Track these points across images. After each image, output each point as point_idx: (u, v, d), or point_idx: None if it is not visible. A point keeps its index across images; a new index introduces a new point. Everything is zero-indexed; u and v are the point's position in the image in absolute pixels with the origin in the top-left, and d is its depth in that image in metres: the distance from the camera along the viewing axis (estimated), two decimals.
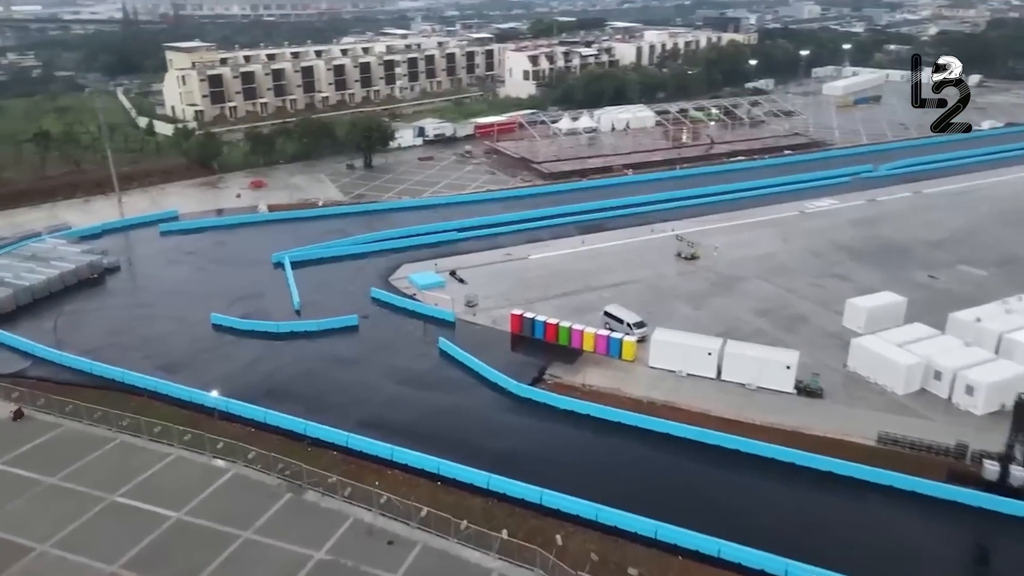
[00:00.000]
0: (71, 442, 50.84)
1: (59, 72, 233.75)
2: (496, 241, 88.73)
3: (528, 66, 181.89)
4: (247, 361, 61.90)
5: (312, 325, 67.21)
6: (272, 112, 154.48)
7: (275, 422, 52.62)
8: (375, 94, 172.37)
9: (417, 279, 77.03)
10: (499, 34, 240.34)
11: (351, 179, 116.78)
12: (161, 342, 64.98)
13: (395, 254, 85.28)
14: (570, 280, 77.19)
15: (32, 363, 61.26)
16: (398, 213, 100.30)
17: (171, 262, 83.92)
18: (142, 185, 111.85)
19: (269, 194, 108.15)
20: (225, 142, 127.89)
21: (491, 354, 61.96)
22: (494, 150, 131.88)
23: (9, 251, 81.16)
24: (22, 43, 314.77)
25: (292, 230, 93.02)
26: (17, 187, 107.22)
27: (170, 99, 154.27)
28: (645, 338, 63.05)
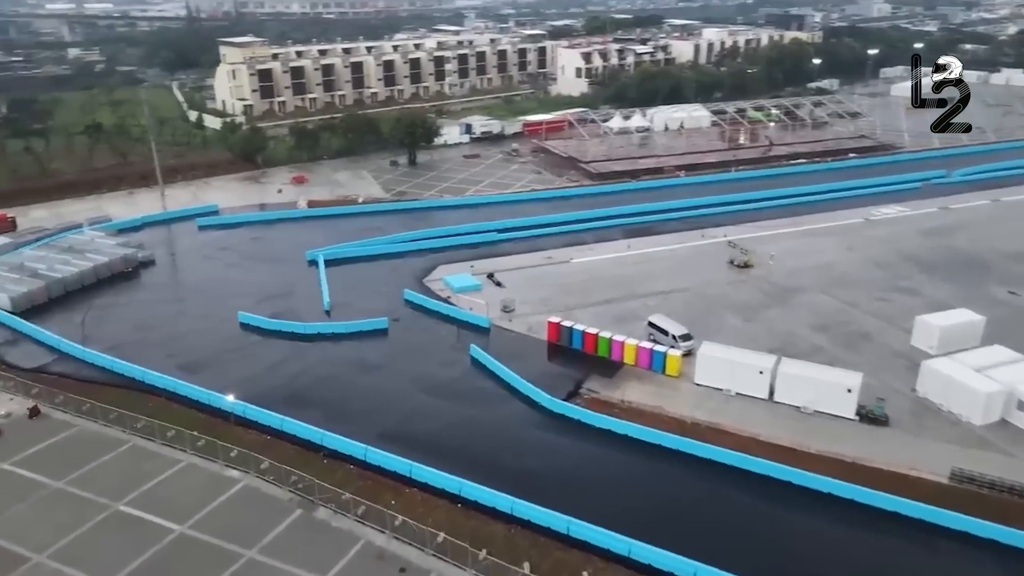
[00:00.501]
0: (83, 444, 48.99)
1: (121, 67, 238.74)
2: (537, 243, 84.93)
3: (580, 63, 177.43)
4: (271, 363, 59.47)
5: (340, 327, 64.53)
6: (321, 107, 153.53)
7: (292, 430, 49.86)
8: (424, 90, 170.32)
9: (452, 281, 73.79)
10: (552, 31, 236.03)
11: (394, 176, 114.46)
12: (186, 340, 63.13)
13: (432, 254, 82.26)
14: (613, 286, 72.92)
15: (56, 358, 60.03)
16: (438, 212, 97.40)
17: (205, 257, 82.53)
18: (186, 178, 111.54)
19: (310, 190, 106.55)
20: (271, 137, 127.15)
21: (525, 364, 58.25)
22: (542, 149, 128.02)
23: (47, 243, 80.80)
24: (89, 38, 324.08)
25: (330, 227, 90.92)
26: (65, 178, 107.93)
27: (221, 93, 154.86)
28: (691, 352, 58.47)
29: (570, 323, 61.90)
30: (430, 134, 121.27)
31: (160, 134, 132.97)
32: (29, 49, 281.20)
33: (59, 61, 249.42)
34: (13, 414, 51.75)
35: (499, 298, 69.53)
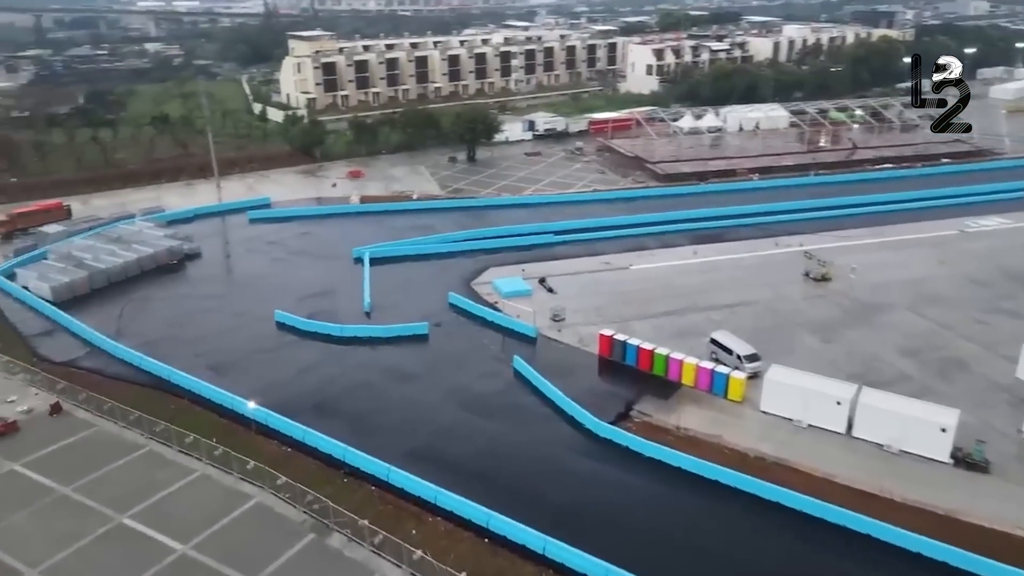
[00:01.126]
0: (99, 446, 46.56)
1: (198, 61, 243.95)
2: (596, 247, 79.65)
3: (652, 60, 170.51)
4: (302, 367, 56.18)
5: (378, 331, 60.84)
6: (384, 102, 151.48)
7: (314, 443, 46.22)
8: (489, 86, 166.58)
9: (501, 285, 69.30)
10: (625, 27, 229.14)
11: (451, 172, 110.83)
12: (220, 338, 60.56)
13: (483, 255, 77.95)
14: (674, 297, 67.10)
15: (88, 352, 58.25)
16: (494, 211, 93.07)
17: (251, 251, 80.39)
18: (243, 171, 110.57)
19: (365, 185, 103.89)
20: (331, 131, 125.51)
21: (571, 380, 53.27)
22: (607, 147, 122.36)
23: (98, 232, 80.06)
24: (173, 34, 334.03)
25: (380, 223, 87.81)
26: (127, 168, 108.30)
27: (286, 87, 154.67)
28: (758, 375, 52.37)
29: (624, 337, 56.54)
30: (490, 130, 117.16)
31: (223, 126, 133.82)
32: (115, 44, 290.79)
33: (141, 55, 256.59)
34: (35, 410, 49.85)
35: (549, 306, 64.67)
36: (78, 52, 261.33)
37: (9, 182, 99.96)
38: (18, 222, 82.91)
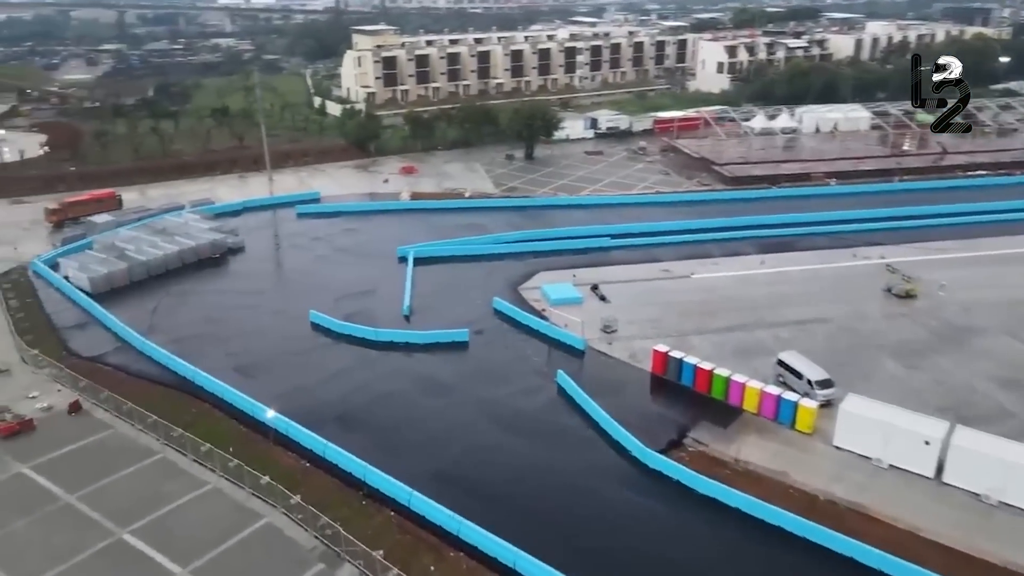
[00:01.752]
0: (112, 451, 44.11)
1: (267, 56, 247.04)
2: (654, 253, 74.35)
3: (724, 57, 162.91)
4: (331, 372, 52.87)
5: (415, 336, 57.08)
6: (444, 97, 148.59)
7: (334, 459, 42.68)
8: (553, 83, 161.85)
9: (550, 291, 64.76)
10: (696, 24, 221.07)
11: (508, 170, 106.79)
12: (251, 338, 57.84)
13: (533, 258, 73.57)
14: (739, 311, 61.34)
15: (116, 347, 56.29)
16: (548, 211, 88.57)
17: (295, 247, 77.95)
18: (297, 164, 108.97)
19: (418, 181, 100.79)
20: (388, 126, 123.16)
21: (620, 400, 48.47)
22: (672, 147, 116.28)
23: (145, 223, 78.91)
24: (246, 30, 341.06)
25: (429, 221, 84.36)
26: (183, 159, 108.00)
27: (347, 81, 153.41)
28: (831, 403, 46.53)
29: (680, 354, 51.28)
30: (550, 127, 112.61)
31: (281, 119, 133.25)
32: (191, 39, 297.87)
33: (213, 50, 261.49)
34: (54, 408, 47.87)
35: (600, 315, 59.86)
36: (155, 47, 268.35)
37: (68, 171, 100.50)
38: (70, 211, 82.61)
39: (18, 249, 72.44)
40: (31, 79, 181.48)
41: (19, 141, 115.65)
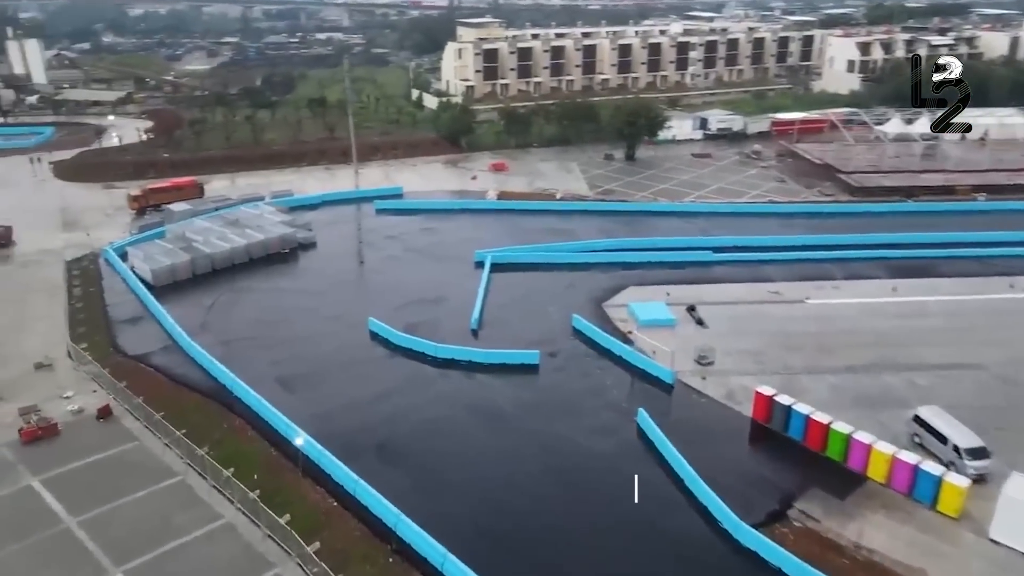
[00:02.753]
0: (130, 467, 39.84)
1: (376, 49, 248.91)
2: (763, 271, 65.02)
3: (855, 55, 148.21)
4: (381, 390, 47.09)
5: (479, 355, 50.53)
6: (546, 92, 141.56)
7: (364, 499, 36.68)
8: (662, 80, 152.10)
9: (639, 311, 56.80)
10: (825, 20, 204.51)
11: (605, 171, 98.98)
12: (303, 344, 52.93)
13: (623, 271, 65.72)
14: (863, 347, 51.49)
15: (163, 346, 52.70)
16: (646, 218, 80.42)
17: (368, 245, 73.12)
18: (385, 157, 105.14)
19: (508, 179, 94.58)
20: (483, 120, 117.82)
21: (711, 452, 40.31)
22: (790, 152, 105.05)
23: (220, 213, 76.25)
24: (361, 25, 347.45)
25: (515, 223, 77.99)
26: (272, 149, 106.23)
27: (446, 74, 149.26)
28: (985, 479, 36.69)
29: (789, 400, 42.40)
30: (654, 126, 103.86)
31: (376, 111, 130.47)
32: (308, 33, 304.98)
33: (326, 43, 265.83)
34: (84, 412, 44.37)
35: (695, 343, 51.50)
36: (272, 40, 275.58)
37: (161, 157, 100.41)
38: (151, 198, 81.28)
39: (91, 235, 71.04)
40: (151, 68, 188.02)
41: (127, 127, 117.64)
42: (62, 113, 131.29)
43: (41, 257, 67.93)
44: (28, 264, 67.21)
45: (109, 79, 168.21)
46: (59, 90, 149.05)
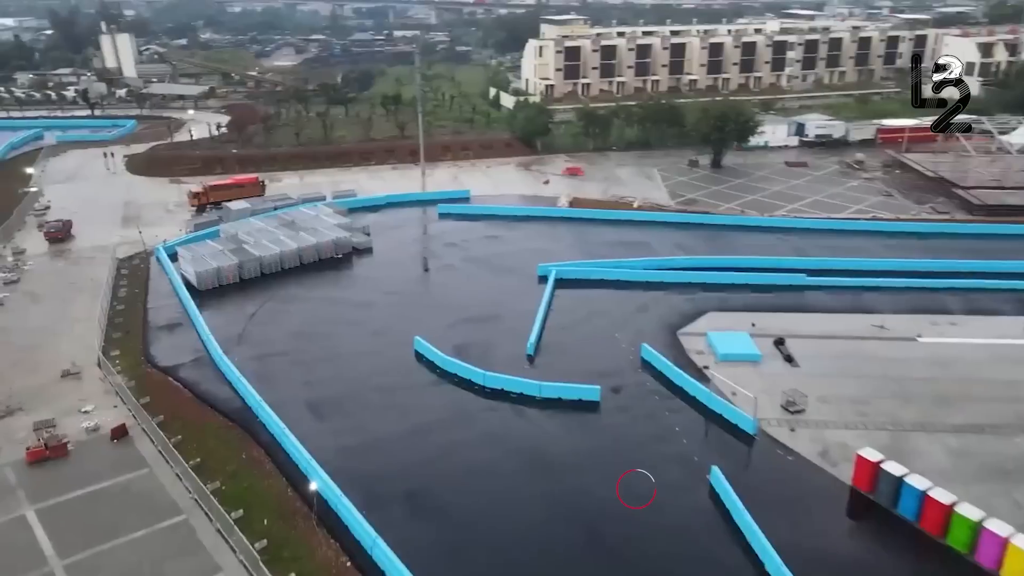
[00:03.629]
0: (134, 500, 36.07)
1: (460, 47, 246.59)
2: (866, 300, 56.86)
3: (975, 56, 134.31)
4: (419, 423, 41.99)
5: (531, 387, 44.76)
6: (630, 93, 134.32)
7: (381, 562, 31.53)
8: (756, 81, 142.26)
9: (718, 342, 49.84)
10: (939, 19, 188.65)
11: (688, 179, 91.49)
12: (341, 363, 48.53)
13: (703, 292, 58.74)
14: (992, 401, 43.13)
15: (195, 358, 49.18)
16: (731, 232, 72.84)
17: (423, 252, 68.10)
18: (456, 158, 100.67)
19: (582, 185, 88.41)
20: (560, 121, 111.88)
21: (799, 528, 33.45)
22: (898, 163, 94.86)
23: (276, 214, 73.13)
24: (448, 23, 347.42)
25: (586, 234, 72.02)
26: (340, 147, 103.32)
27: (526, 72, 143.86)
28: None
29: (900, 469, 34.94)
30: (745, 130, 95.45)
31: (450, 109, 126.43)
32: (394, 30, 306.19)
33: (410, 41, 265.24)
34: (100, 430, 41.09)
35: (783, 385, 44.30)
36: (358, 37, 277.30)
37: (230, 153, 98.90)
38: (211, 195, 79.02)
39: (143, 233, 68.92)
40: (238, 64, 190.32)
41: (205, 122, 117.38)
42: (146, 107, 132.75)
43: (94, 254, 66.21)
44: (80, 261, 65.58)
45: (196, 74, 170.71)
46: (147, 84, 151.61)
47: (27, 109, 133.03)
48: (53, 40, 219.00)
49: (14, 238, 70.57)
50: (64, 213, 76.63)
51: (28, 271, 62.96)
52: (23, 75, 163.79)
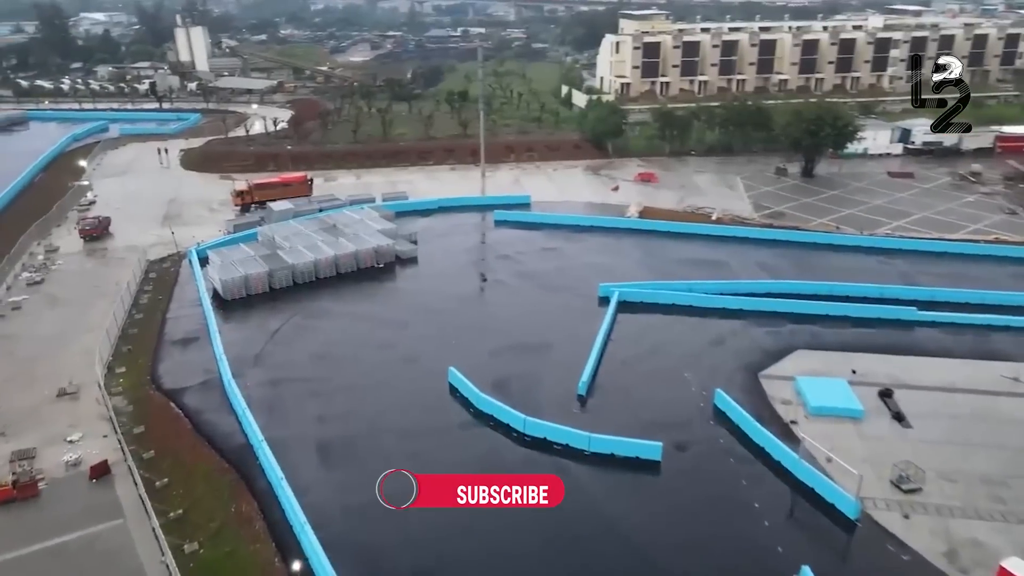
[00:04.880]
0: (94, 561, 30.64)
1: (537, 44, 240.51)
2: (995, 343, 47.26)
3: None
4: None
5: (579, 438, 37.47)
6: (712, 93, 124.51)
7: None
8: (854, 82, 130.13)
9: (810, 391, 41.39)
10: None
11: (776, 188, 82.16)
12: (364, 395, 42.34)
13: (791, 324, 50.12)
14: None
15: (202, 381, 43.89)
16: (824, 252, 63.57)
17: (473, 264, 61.74)
18: (519, 159, 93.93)
19: (655, 193, 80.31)
20: (635, 122, 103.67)
21: None
22: (1022, 176, 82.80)
23: (318, 216, 68.01)
24: (527, 19, 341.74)
25: (656, 249, 64.23)
26: (399, 145, 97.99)
27: (601, 69, 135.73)
28: None
29: None
30: (842, 136, 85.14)
31: (518, 107, 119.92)
32: (470, 27, 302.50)
33: (485, 38, 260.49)
34: (81, 465, 36.01)
35: (893, 452, 35.68)
36: (434, 33, 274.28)
37: (284, 149, 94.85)
38: (256, 194, 74.58)
39: (175, 233, 64.69)
40: (310, 59, 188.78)
41: (269, 116, 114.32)
42: (212, 100, 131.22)
43: (126, 254, 62.36)
44: (110, 261, 61.83)
45: (268, 68, 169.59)
46: (218, 77, 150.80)
47: (99, 101, 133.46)
48: (139, 35, 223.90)
49: (51, 234, 67.63)
50: (108, 209, 73.69)
51: (55, 271, 59.50)
52: (104, 68, 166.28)
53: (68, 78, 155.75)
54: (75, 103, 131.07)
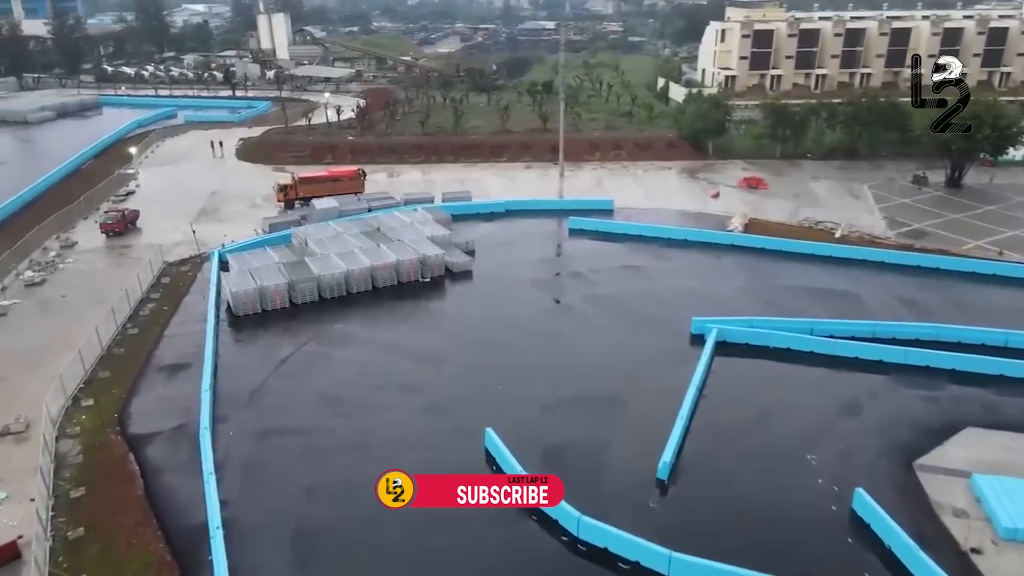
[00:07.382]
0: None
1: (634, 37, 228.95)
2: None
3: None
4: None
5: (656, 555, 26.14)
6: (831, 88, 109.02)
7: None
8: (1004, 78, 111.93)
9: (997, 497, 28.82)
10: None
11: (913, 200, 67.91)
12: (368, 460, 32.02)
13: (953, 386, 37.13)
14: None
15: (179, 424, 34.77)
16: (985, 286, 49.59)
17: (538, 283, 50.69)
18: (605, 158, 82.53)
19: (763, 202, 67.62)
20: (740, 120, 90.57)
21: None
22: None
23: (362, 217, 58.91)
24: (624, 12, 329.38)
25: (763, 273, 51.81)
26: (470, 138, 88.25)
27: (703, 61, 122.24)
28: None
29: None
30: (1003, 138, 69.52)
31: (607, 101, 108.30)
32: (566, 20, 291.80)
33: (580, 31, 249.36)
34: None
35: None
36: (526, 26, 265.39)
37: (346, 140, 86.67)
38: (301, 189, 66.33)
39: (196, 232, 56.73)
40: (396, 49, 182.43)
41: (337, 105, 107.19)
42: (286, 88, 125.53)
43: (143, 253, 54.84)
44: (126, 262, 54.44)
45: (352, 58, 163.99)
46: (297, 65, 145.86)
47: (176, 88, 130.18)
48: (232, 24, 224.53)
49: (74, 227, 61.16)
50: (146, 201, 67.10)
51: (61, 271, 52.44)
52: (191, 56, 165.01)
53: (152, 64, 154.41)
54: (151, 89, 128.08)
